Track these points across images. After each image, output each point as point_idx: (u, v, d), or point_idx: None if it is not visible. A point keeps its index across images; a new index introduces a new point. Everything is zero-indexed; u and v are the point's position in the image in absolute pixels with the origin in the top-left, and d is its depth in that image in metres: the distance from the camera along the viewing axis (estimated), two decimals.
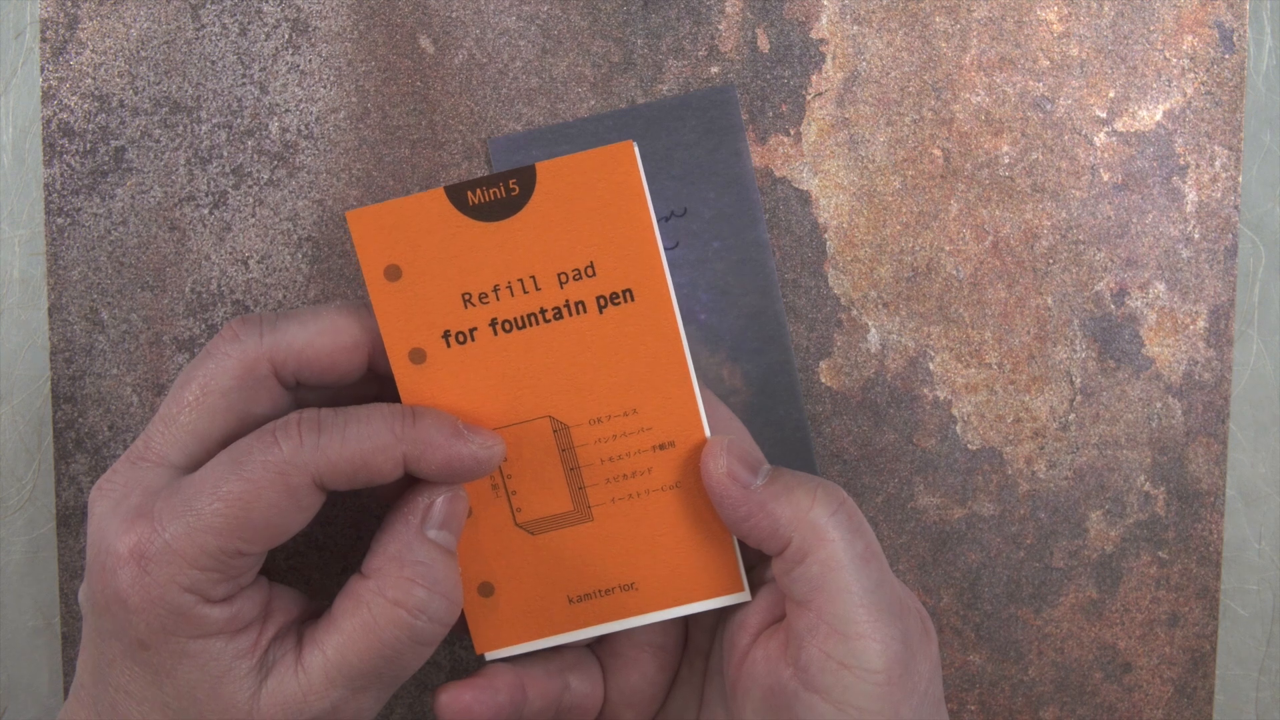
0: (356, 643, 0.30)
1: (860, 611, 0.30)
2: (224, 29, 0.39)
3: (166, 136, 0.39)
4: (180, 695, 0.29)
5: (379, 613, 0.30)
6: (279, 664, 0.30)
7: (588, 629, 0.34)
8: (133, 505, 0.30)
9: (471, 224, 0.31)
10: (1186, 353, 0.40)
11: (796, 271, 0.39)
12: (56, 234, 0.39)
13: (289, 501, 0.29)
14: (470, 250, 0.31)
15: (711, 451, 0.32)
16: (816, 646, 0.30)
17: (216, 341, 0.31)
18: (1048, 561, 0.40)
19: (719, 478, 0.32)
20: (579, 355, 0.32)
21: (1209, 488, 0.40)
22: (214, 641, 0.29)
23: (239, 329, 0.31)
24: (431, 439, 0.30)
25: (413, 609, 0.30)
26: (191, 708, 0.29)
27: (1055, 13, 0.39)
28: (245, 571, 0.30)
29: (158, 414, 0.31)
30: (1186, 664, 0.40)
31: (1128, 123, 0.39)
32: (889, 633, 0.30)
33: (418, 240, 0.31)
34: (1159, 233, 0.39)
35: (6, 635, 0.40)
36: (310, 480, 0.29)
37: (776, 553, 0.32)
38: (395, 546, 0.31)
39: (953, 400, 0.40)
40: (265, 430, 0.30)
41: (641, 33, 0.39)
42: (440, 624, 0.31)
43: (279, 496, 0.29)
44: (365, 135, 0.39)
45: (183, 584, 0.29)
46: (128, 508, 0.30)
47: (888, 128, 0.39)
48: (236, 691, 0.29)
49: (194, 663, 0.29)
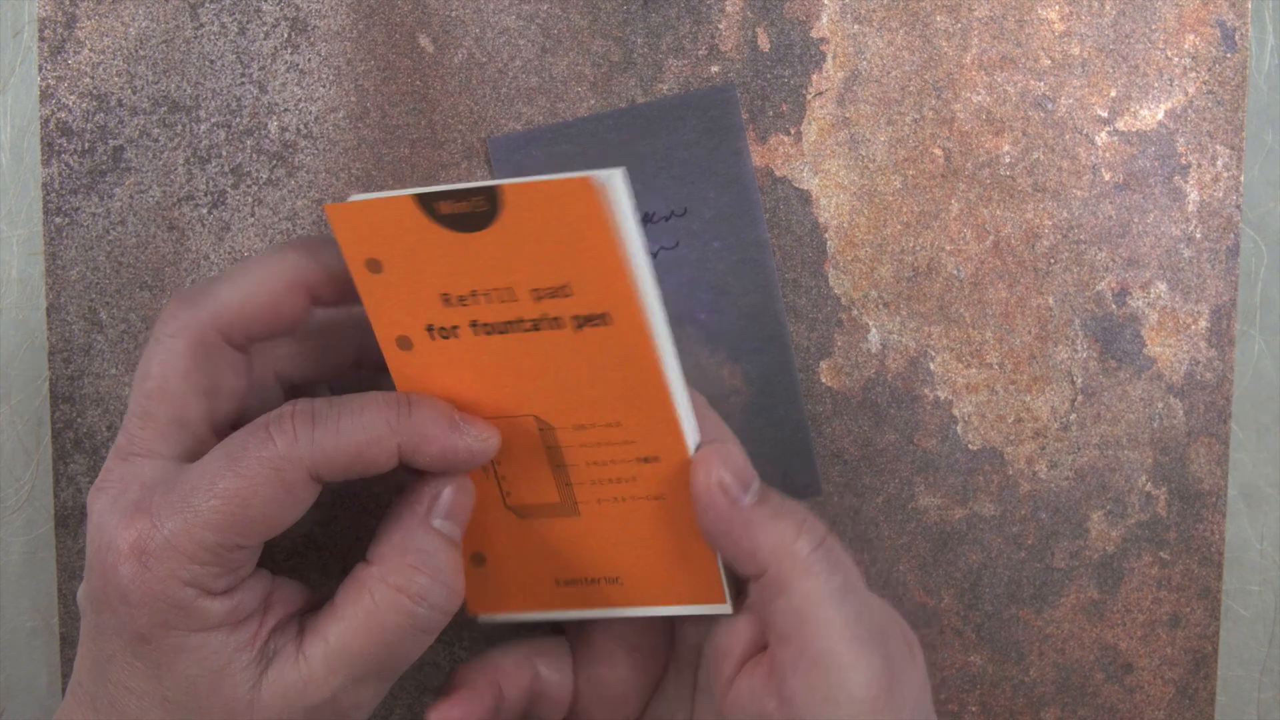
0: (358, 629, 0.30)
1: (842, 644, 0.30)
2: (223, 28, 0.39)
3: (165, 136, 0.39)
4: (180, 688, 0.29)
5: (381, 598, 0.30)
6: (280, 654, 0.30)
7: (575, 611, 0.34)
8: (131, 500, 0.30)
9: (444, 232, 0.30)
10: (1188, 353, 0.39)
11: (797, 271, 0.39)
12: (55, 234, 0.39)
13: (285, 496, 0.29)
14: (445, 256, 0.30)
15: (705, 460, 0.32)
16: (800, 680, 0.30)
17: (159, 326, 0.31)
18: (1049, 562, 0.40)
19: (708, 488, 0.31)
20: (559, 366, 0.31)
21: (1210, 488, 0.40)
22: (214, 635, 0.29)
23: (176, 308, 0.31)
24: (427, 431, 0.30)
25: (414, 595, 0.30)
26: (191, 701, 0.29)
27: (1056, 12, 0.39)
28: (244, 564, 0.30)
29: (130, 409, 0.31)
30: (1188, 665, 0.40)
31: (1129, 122, 0.39)
32: (871, 661, 0.30)
33: (394, 240, 0.30)
34: (1160, 232, 0.39)
35: (5, 636, 0.40)
36: (305, 474, 0.29)
37: (750, 576, 0.32)
38: (400, 534, 0.31)
39: (953, 400, 0.39)
40: (259, 424, 0.30)
41: (641, 32, 0.39)
42: (441, 612, 0.31)
43: (275, 491, 0.29)
44: (364, 135, 0.39)
45: (183, 578, 0.29)
46: (126, 503, 0.30)
47: (888, 127, 0.39)
48: (237, 684, 0.30)
49: (194, 656, 0.29)
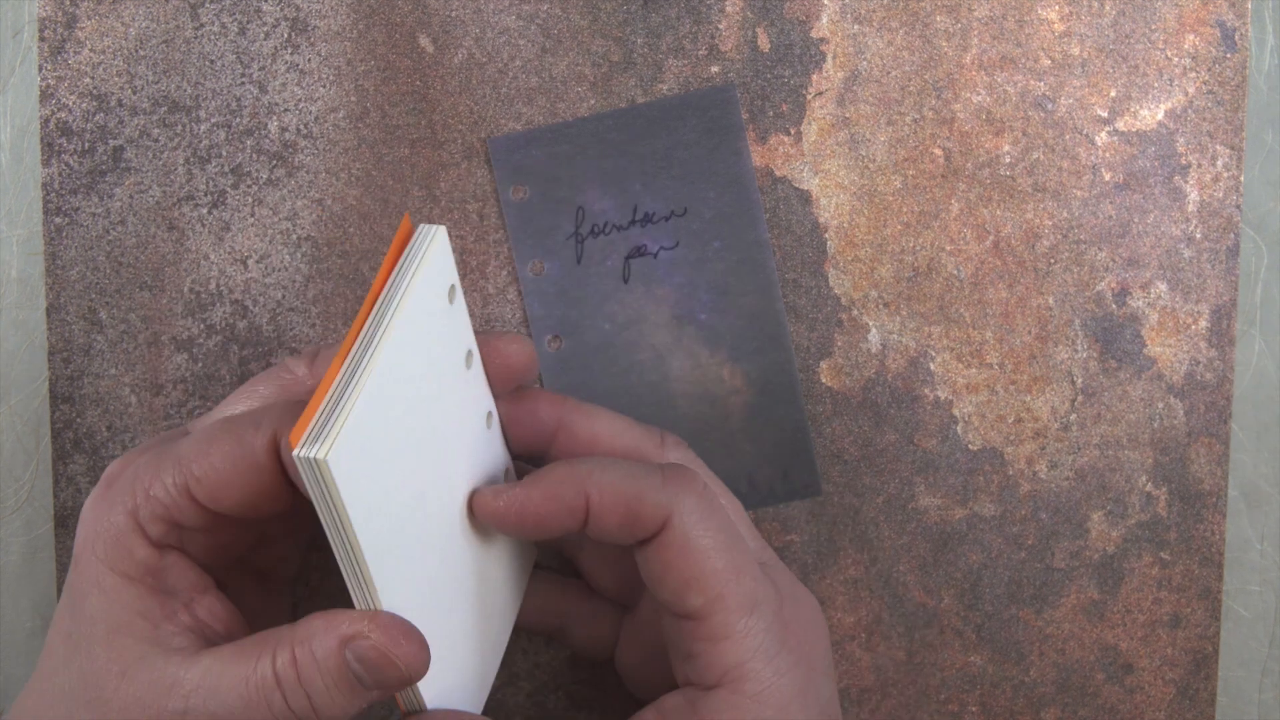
0: (228, 681, 0.28)
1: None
2: (223, 28, 0.39)
3: (165, 136, 0.39)
4: (82, 624, 0.29)
5: (259, 677, 0.29)
6: (172, 649, 0.29)
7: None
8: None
9: None
10: (1188, 353, 0.39)
11: (797, 271, 0.39)
12: (55, 234, 0.39)
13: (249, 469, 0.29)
14: None
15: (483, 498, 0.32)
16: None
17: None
18: (1049, 562, 0.40)
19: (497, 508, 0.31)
20: None
21: (1211, 488, 0.40)
22: (128, 587, 0.29)
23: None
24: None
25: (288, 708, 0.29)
26: (86, 646, 0.29)
27: (1056, 12, 0.39)
28: (190, 522, 0.30)
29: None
30: (1188, 665, 0.40)
31: (1129, 122, 0.39)
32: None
33: None
34: (1160, 232, 0.39)
35: (4, 636, 0.40)
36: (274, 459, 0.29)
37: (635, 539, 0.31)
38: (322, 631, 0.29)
39: (954, 400, 0.39)
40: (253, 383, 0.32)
41: (641, 32, 0.39)
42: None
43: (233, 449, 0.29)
44: (364, 135, 0.39)
45: (127, 506, 0.29)
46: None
47: (888, 127, 0.39)
48: (125, 648, 0.29)
49: (104, 599, 0.29)
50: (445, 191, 0.39)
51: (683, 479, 0.31)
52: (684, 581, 0.30)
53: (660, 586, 0.31)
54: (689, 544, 0.30)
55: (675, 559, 0.30)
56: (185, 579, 0.30)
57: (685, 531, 0.30)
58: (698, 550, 0.30)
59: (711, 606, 0.30)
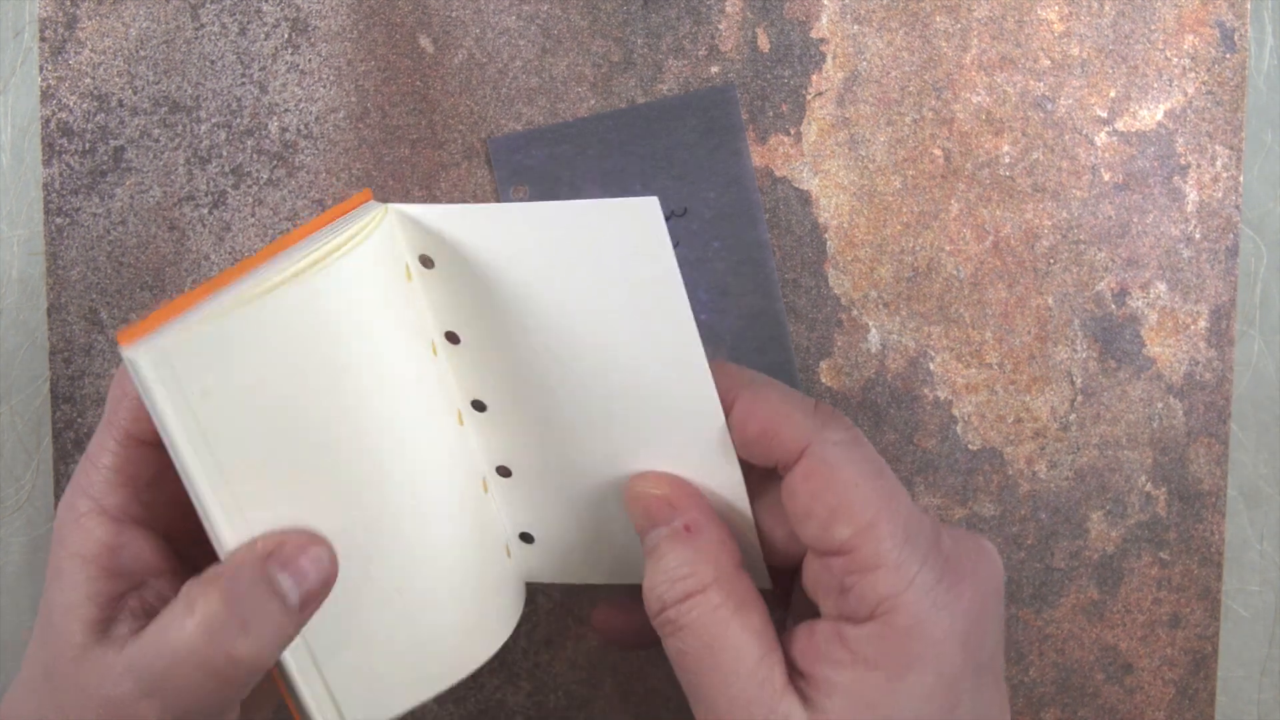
0: (158, 646, 0.29)
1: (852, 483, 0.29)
2: (223, 28, 0.39)
3: (166, 136, 0.39)
4: (44, 610, 0.30)
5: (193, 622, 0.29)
6: (114, 635, 0.29)
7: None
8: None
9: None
10: (1188, 353, 0.40)
11: (797, 271, 0.39)
12: (55, 234, 0.39)
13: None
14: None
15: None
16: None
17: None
18: (1048, 562, 0.40)
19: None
20: None
21: (1210, 488, 0.40)
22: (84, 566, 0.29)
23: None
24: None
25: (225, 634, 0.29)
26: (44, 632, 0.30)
27: (1056, 12, 0.39)
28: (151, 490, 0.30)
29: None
30: (1188, 665, 0.40)
31: (1129, 122, 0.39)
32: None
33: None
34: (1160, 232, 0.39)
35: (5, 636, 0.40)
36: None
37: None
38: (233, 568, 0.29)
39: (953, 400, 0.39)
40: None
41: (641, 32, 0.39)
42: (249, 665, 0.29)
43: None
44: (365, 135, 0.39)
45: (82, 485, 0.30)
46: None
47: (888, 127, 0.39)
48: (74, 633, 0.29)
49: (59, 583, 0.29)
50: (446, 192, 0.39)
51: (833, 415, 0.30)
52: (830, 510, 0.29)
53: (807, 520, 0.29)
54: (833, 471, 0.29)
55: (819, 487, 0.29)
56: (141, 560, 0.30)
57: (828, 458, 0.29)
58: (843, 478, 0.29)
59: (862, 537, 0.28)
